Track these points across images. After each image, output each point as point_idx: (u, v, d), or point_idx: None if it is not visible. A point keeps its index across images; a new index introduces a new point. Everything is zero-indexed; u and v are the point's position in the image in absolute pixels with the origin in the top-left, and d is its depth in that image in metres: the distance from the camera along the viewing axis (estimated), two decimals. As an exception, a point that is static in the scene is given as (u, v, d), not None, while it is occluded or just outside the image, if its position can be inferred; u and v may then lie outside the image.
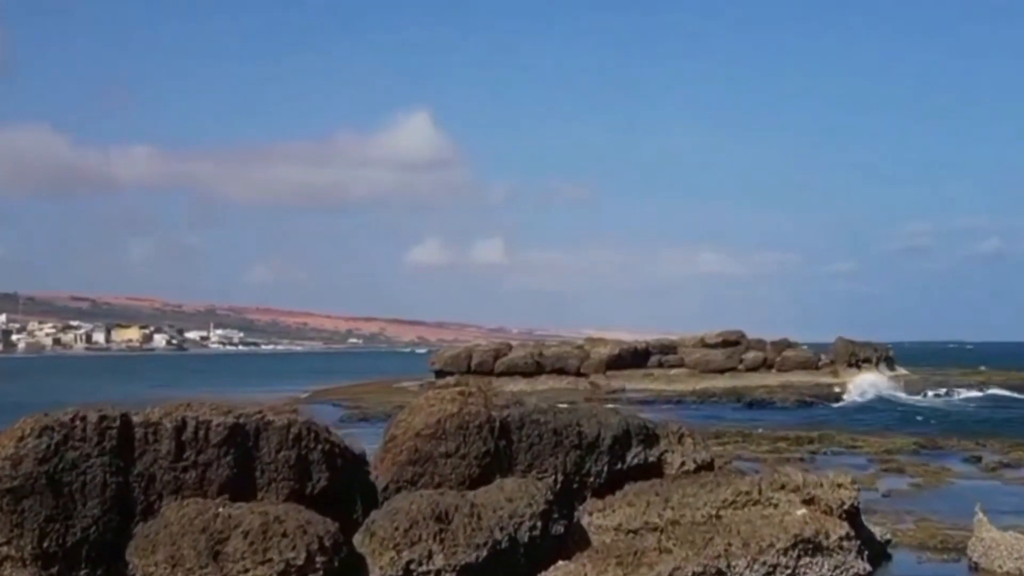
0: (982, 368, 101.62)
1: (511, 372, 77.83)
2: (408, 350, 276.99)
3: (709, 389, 72.72)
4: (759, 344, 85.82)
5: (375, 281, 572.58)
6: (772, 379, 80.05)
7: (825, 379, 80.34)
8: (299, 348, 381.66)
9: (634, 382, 77.75)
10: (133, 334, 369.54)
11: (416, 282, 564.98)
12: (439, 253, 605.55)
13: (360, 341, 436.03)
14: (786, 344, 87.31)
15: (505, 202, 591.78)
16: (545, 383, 77.28)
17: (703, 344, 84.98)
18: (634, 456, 18.24)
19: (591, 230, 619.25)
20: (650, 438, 18.59)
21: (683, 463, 18.63)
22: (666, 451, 18.67)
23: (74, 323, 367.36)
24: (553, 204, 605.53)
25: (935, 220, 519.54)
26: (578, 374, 79.04)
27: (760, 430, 39.49)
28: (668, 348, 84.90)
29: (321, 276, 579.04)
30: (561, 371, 79.40)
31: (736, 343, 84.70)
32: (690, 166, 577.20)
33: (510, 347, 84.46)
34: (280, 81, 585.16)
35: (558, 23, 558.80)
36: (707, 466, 18.87)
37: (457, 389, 17.05)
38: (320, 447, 15.97)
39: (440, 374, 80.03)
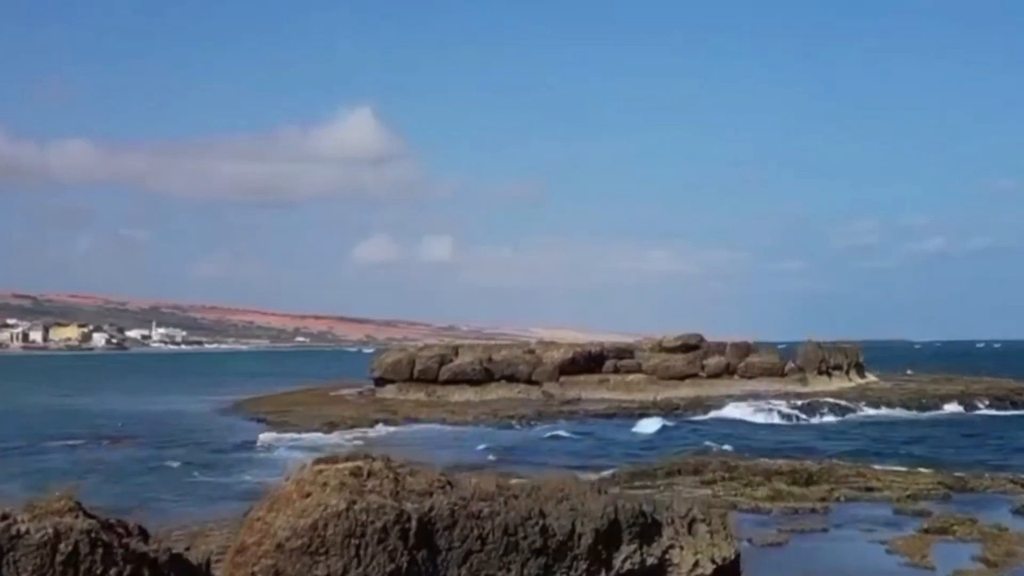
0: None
1: (458, 380, 71.54)
2: (355, 350, 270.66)
3: (672, 400, 66.80)
4: (719, 348, 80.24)
5: (323, 279, 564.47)
6: (737, 387, 74.53)
7: (793, 387, 74.95)
8: (244, 347, 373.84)
9: (590, 390, 71.83)
10: (71, 333, 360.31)
11: (364, 280, 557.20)
12: (387, 250, 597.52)
13: (307, 340, 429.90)
14: (747, 348, 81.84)
15: (453, 199, 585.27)
16: (495, 392, 71.20)
17: (661, 348, 79.26)
18: (626, 559, 12.03)
19: (541, 228, 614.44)
20: (648, 529, 12.38)
21: (696, 564, 12.52)
22: (671, 546, 12.51)
23: (11, 321, 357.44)
24: (502, 201, 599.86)
25: (881, 218, 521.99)
26: (529, 381, 72.86)
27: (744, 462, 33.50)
28: (624, 352, 79.01)
29: (268, 273, 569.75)
30: (512, 378, 73.19)
31: (696, 347, 79.07)
32: (640, 164, 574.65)
33: (457, 352, 77.98)
34: (219, 75, 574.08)
35: (503, 18, 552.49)
36: (730, 567, 12.82)
37: (350, 466, 10.65)
38: (115, 570, 9.60)
39: (380, 382, 73.59)
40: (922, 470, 31.27)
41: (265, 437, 44.44)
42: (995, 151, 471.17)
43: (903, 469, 31.47)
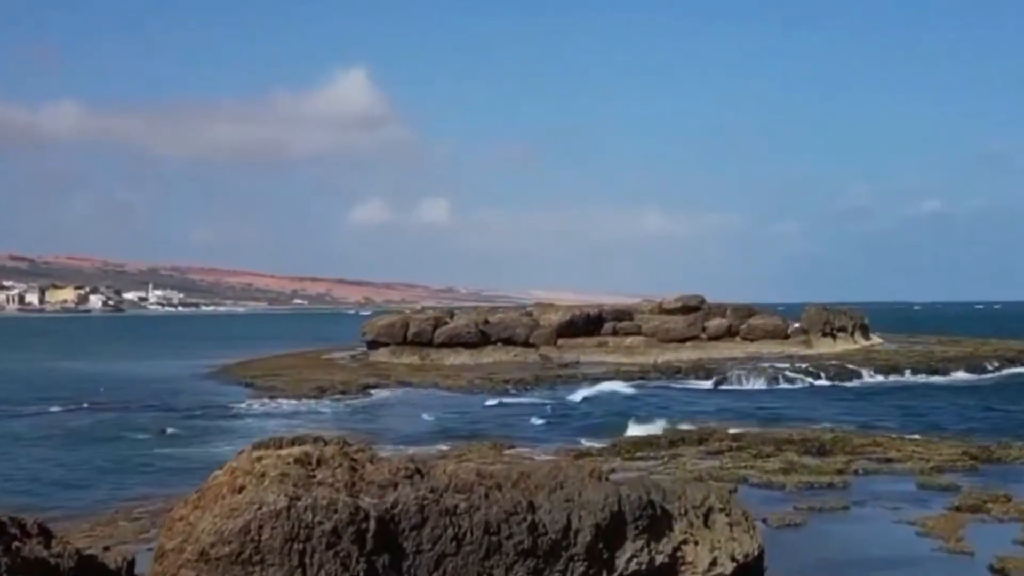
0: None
1: (453, 343, 69.66)
2: (353, 312, 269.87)
3: (672, 363, 64.90)
4: (720, 310, 78.49)
5: (321, 241, 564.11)
6: (739, 350, 72.82)
7: (797, 350, 73.15)
8: (241, 309, 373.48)
9: (588, 354, 70.06)
10: (68, 295, 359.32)
11: (362, 242, 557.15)
12: (383, 212, 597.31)
13: (305, 302, 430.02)
14: (749, 310, 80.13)
15: (448, 162, 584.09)
16: (491, 355, 69.43)
17: (661, 310, 77.56)
18: (631, 558, 10.14)
19: (537, 190, 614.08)
20: (657, 522, 10.47)
21: (714, 562, 10.64)
22: (685, 542, 10.62)
23: (8, 283, 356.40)
24: (498, 164, 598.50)
25: (875, 180, 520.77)
26: (526, 344, 71.03)
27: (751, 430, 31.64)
28: (623, 314, 77.26)
29: (265, 235, 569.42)
30: (509, 341, 71.37)
31: (697, 309, 77.36)
32: (636, 126, 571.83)
33: (452, 314, 76.18)
34: (210, 37, 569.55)
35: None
36: (752, 565, 10.93)
37: (296, 452, 8.68)
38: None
39: (373, 345, 71.75)
40: (941, 438, 29.33)
41: (246, 404, 42.51)
42: (986, 114, 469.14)
43: (920, 438, 29.54)
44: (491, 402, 44.19)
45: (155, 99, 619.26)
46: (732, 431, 30.82)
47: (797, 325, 77.72)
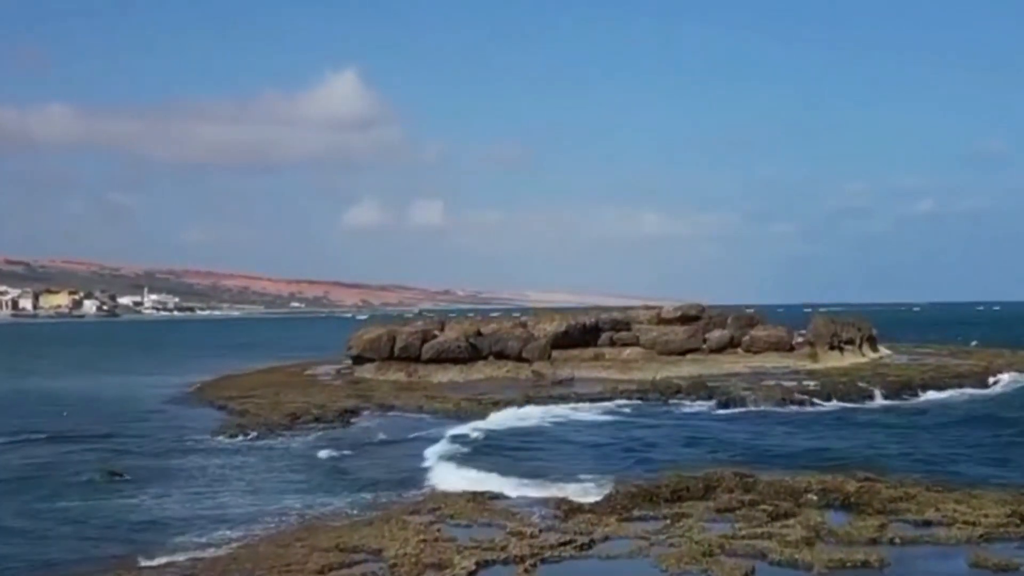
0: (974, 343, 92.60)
1: (441, 359, 66.27)
2: (350, 315, 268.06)
3: (672, 380, 61.21)
4: (721, 319, 75.39)
5: (317, 243, 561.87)
6: (741, 363, 69.41)
7: (802, 363, 69.75)
8: (237, 313, 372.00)
9: (584, 369, 66.59)
10: (62, 300, 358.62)
11: (359, 244, 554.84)
12: (379, 214, 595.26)
13: (302, 305, 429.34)
14: (751, 319, 77.00)
15: (442, 162, 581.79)
16: (482, 371, 66.12)
17: (660, 320, 74.48)
18: None
19: (532, 191, 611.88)
20: None
21: None
22: None
23: (2, 288, 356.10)
24: (492, 164, 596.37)
25: (872, 180, 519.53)
26: (519, 359, 67.68)
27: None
28: (620, 324, 74.18)
29: (262, 238, 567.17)
30: (501, 355, 68.00)
31: (696, 318, 74.36)
32: (629, 125, 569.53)
33: (443, 326, 72.87)
34: (199, 38, 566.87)
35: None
36: None
37: None
38: None
39: (358, 360, 68.34)
40: (982, 490, 25.59)
41: (204, 436, 38.64)
42: (984, 113, 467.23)
43: (956, 487, 25.87)
44: (413, 434, 39.61)
45: (148, 101, 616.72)
46: (744, 478, 27.17)
47: (801, 336, 74.60)
